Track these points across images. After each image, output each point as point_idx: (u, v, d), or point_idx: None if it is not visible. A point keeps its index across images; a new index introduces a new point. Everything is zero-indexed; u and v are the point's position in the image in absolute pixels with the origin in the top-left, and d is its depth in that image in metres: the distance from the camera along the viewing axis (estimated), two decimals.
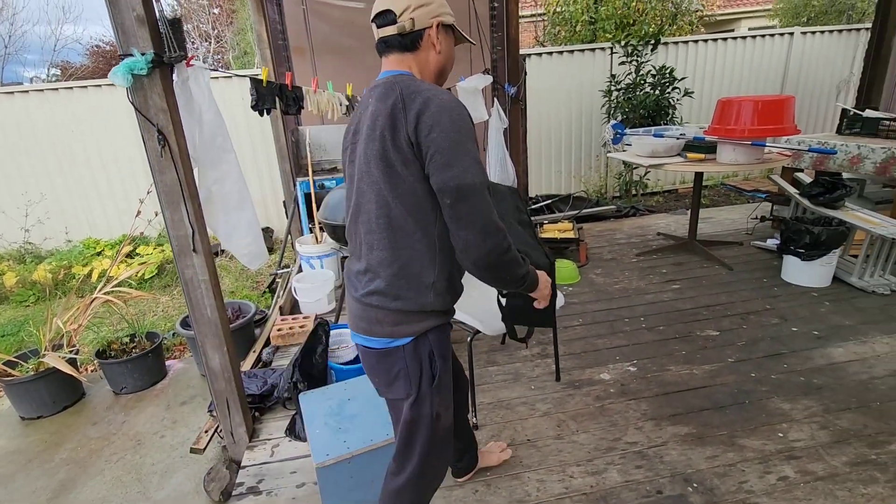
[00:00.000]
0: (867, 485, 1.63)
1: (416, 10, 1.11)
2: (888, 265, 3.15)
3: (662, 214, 5.21)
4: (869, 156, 3.47)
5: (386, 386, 1.21)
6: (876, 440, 1.83)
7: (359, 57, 4.18)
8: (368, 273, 1.14)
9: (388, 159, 1.04)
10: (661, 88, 5.20)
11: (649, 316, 2.95)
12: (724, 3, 12.43)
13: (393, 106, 1.04)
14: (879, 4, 5.04)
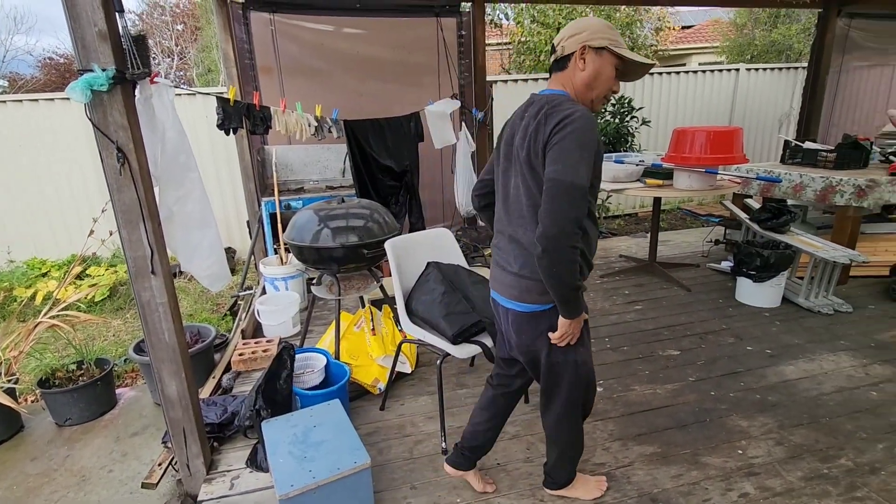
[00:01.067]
0: (821, 499, 1.70)
1: (568, 39, 1.38)
2: (830, 286, 3.36)
3: (624, 237, 5.39)
4: (810, 184, 3.72)
5: (531, 341, 1.47)
6: (827, 454, 1.91)
7: (328, 79, 4.20)
8: (522, 251, 1.40)
9: (532, 162, 1.32)
10: (621, 117, 5.45)
11: (614, 336, 3.01)
12: (676, 39, 13.24)
13: (538, 121, 1.30)
14: (814, 47, 5.50)
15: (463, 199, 4.31)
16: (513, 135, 1.42)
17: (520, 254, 1.42)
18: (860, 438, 2.00)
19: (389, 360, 2.41)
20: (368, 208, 2.53)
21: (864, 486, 1.74)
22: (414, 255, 2.30)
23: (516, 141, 1.38)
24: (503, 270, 1.48)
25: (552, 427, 1.65)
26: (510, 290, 1.46)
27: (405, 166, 3.70)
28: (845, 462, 1.87)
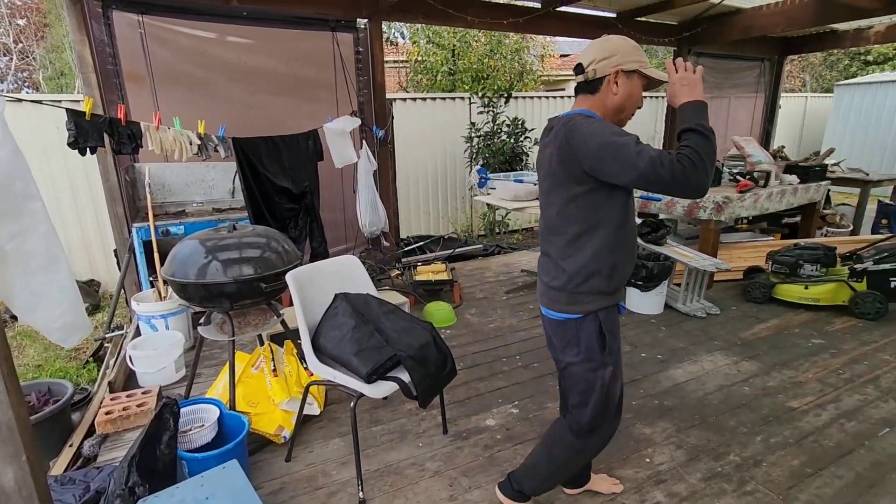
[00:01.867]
0: (719, 497, 1.84)
1: (599, 62, 1.39)
2: (702, 292, 3.78)
3: (524, 251, 5.61)
4: (680, 201, 4.18)
5: (561, 348, 1.54)
6: (718, 452, 2.09)
7: (211, 90, 3.82)
8: (552, 263, 1.50)
9: (562, 180, 1.40)
10: (516, 137, 5.72)
11: (524, 353, 3.07)
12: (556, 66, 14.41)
13: (559, 142, 1.38)
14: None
15: (366, 220, 4.16)
16: (543, 159, 1.48)
17: (550, 266, 1.51)
18: (742, 433, 2.22)
19: (295, 404, 2.18)
20: (265, 236, 2.29)
21: (752, 480, 1.92)
22: (319, 286, 2.12)
23: (544, 165, 1.48)
24: (540, 282, 1.57)
25: (555, 436, 1.66)
26: (543, 299, 1.56)
27: (304, 187, 3.47)
28: (734, 458, 2.06)
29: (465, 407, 2.49)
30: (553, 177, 1.43)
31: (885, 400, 2.47)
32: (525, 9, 4.68)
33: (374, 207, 4.17)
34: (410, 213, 6.04)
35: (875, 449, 2.10)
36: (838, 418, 2.32)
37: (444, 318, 3.53)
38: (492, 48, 7.37)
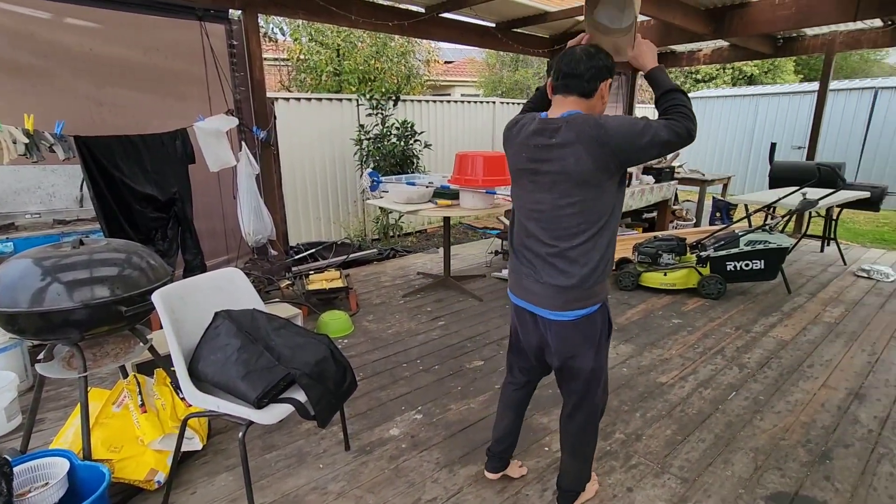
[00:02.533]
0: (609, 474, 1.99)
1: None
2: None
3: (419, 254, 5.63)
4: None
5: (575, 347, 1.58)
6: (606, 432, 2.27)
7: (45, 81, 3.23)
8: (570, 264, 1.50)
9: (588, 180, 1.44)
10: (406, 140, 5.71)
11: (424, 356, 3.06)
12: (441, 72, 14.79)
13: (588, 143, 1.40)
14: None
15: (250, 228, 3.83)
16: (557, 159, 1.44)
17: (564, 267, 1.48)
18: (624, 411, 2.44)
19: (170, 441, 1.91)
20: (124, 251, 1.97)
21: (636, 454, 2.12)
22: (196, 304, 1.88)
23: (558, 166, 1.43)
24: (541, 283, 1.53)
25: (579, 433, 1.71)
26: (553, 301, 1.52)
27: (172, 193, 3.08)
28: (619, 435, 2.25)
29: (368, 419, 2.39)
30: (578, 175, 1.41)
31: (730, 367, 2.89)
32: (410, 12, 4.70)
33: (259, 214, 3.86)
34: (300, 218, 5.72)
35: (727, 411, 2.44)
36: (697, 388, 2.67)
37: (340, 327, 3.39)
38: (378, 50, 7.30)
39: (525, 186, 1.55)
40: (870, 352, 3.09)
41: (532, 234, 1.55)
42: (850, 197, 4.81)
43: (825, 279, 4.55)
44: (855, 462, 2.07)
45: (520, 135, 1.54)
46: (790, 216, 4.59)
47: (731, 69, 13.69)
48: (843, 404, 2.50)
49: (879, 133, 8.48)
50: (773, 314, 3.71)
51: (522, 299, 1.62)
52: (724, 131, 10.50)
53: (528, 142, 1.50)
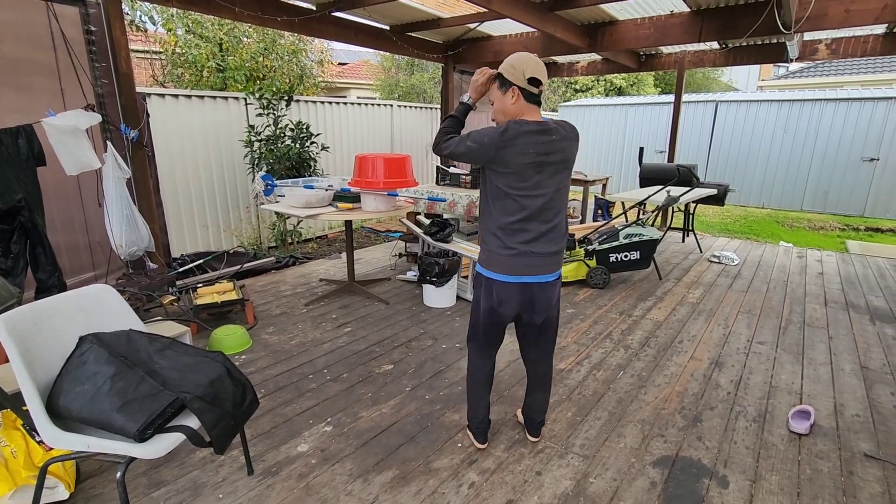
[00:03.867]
0: (519, 461, 2.08)
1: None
2: None
3: (320, 260, 5.42)
4: (460, 201, 4.63)
5: (555, 302, 2.01)
6: (513, 422, 2.37)
7: None
8: (563, 234, 1.92)
9: (570, 168, 1.89)
10: (301, 142, 5.46)
11: (331, 365, 2.94)
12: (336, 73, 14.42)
13: (570, 140, 1.86)
14: (442, 92, 6.93)
15: (121, 239, 3.39)
16: (560, 151, 1.81)
17: (560, 236, 1.89)
18: None
19: (27, 494, 1.61)
20: None
21: (542, 439, 2.24)
22: (53, 330, 1.61)
23: (559, 157, 1.82)
24: (541, 255, 1.85)
25: (551, 369, 2.17)
26: (549, 266, 1.89)
27: (17, 201, 2.60)
28: None
29: (272, 438, 2.24)
30: (569, 165, 1.85)
31: (618, 349, 3.19)
32: (299, 9, 4.50)
33: (132, 223, 3.43)
34: (184, 227, 5.18)
35: (617, 389, 2.69)
36: (591, 371, 2.90)
37: (236, 342, 3.13)
38: (266, 46, 6.88)
39: (530, 178, 1.79)
40: (724, 325, 3.61)
41: (533, 216, 1.82)
42: (703, 193, 5.58)
43: (687, 265, 5.22)
44: (719, 422, 2.40)
45: (519, 137, 1.75)
46: (658, 211, 5.19)
47: (604, 81, 15.18)
48: (707, 373, 2.89)
49: (720, 139, 9.97)
50: (649, 298, 4.17)
51: (521, 275, 1.87)
52: (600, 136, 11.60)
53: (533, 139, 1.76)
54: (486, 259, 1.91)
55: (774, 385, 2.76)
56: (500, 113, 1.87)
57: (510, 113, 1.83)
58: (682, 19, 4.81)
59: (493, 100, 1.89)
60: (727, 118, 9.86)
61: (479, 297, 1.99)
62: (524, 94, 1.80)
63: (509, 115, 1.83)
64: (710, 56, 6.39)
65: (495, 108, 1.89)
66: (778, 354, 3.14)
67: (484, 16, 5.00)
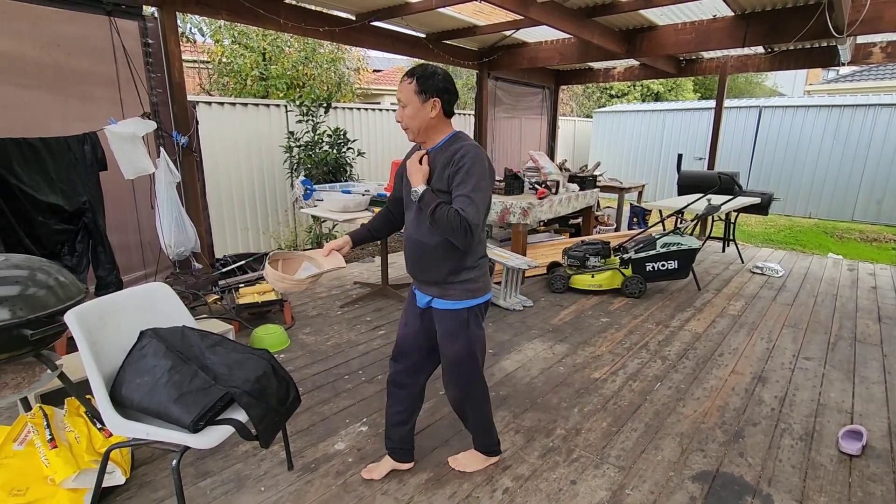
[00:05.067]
0: (554, 469, 2.07)
1: None
2: (517, 287, 4.25)
3: (354, 263, 5.53)
4: (493, 207, 4.65)
5: None
6: (548, 429, 2.36)
7: None
8: None
9: None
10: (338, 148, 5.61)
11: (366, 367, 3.00)
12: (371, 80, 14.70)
13: None
14: (477, 99, 6.97)
15: (171, 240, 3.56)
16: None
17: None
18: (563, 408, 2.55)
19: (88, 478, 1.72)
20: (26, 266, 1.75)
21: (577, 448, 2.22)
22: (116, 324, 1.72)
23: None
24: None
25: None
26: None
27: (81, 203, 2.78)
28: (560, 431, 2.35)
29: (310, 435, 2.31)
30: None
31: (654, 360, 3.13)
32: (340, 19, 4.64)
33: (181, 225, 3.61)
34: (226, 229, 5.40)
35: (654, 401, 2.64)
36: (627, 381, 2.85)
37: (276, 341, 3.24)
38: (307, 55, 7.11)
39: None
40: (767, 339, 3.48)
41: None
42: (746, 202, 5.40)
43: (727, 276, 5.06)
44: (762, 438, 2.32)
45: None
46: (697, 220, 5.06)
47: (641, 86, 14.91)
48: (750, 387, 2.80)
49: (764, 146, 9.62)
50: (687, 309, 4.07)
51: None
52: (636, 143, 11.38)
53: None
54: (483, 285, 1.80)
55: (823, 403, 2.64)
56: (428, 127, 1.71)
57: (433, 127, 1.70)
58: (725, 23, 4.70)
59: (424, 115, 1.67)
60: (772, 124, 9.52)
61: (480, 330, 1.84)
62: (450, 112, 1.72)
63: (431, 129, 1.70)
64: (755, 60, 6.20)
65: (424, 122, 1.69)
66: (826, 371, 3.01)
67: (520, 23, 5.02)
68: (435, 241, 1.69)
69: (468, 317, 1.77)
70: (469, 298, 1.75)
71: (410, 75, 1.67)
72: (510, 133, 8.02)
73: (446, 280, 1.73)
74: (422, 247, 1.73)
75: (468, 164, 1.60)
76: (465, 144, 1.66)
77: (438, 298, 1.77)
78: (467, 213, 1.57)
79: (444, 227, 1.60)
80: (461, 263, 1.72)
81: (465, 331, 1.78)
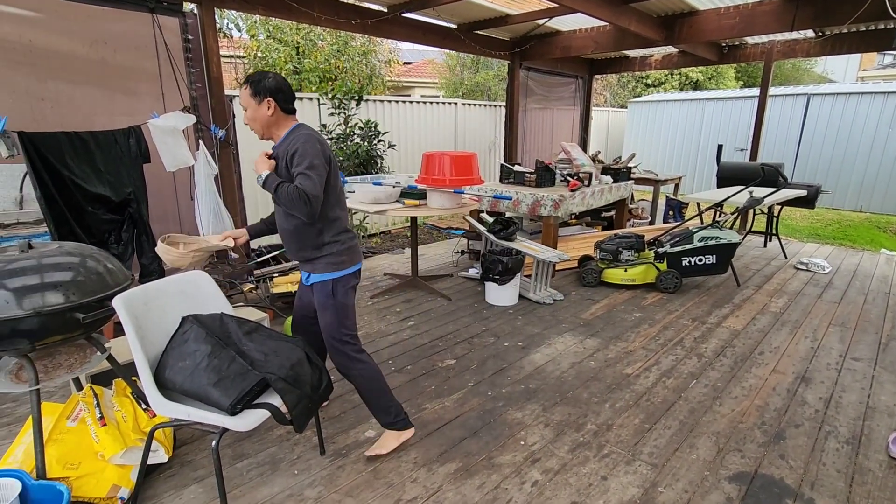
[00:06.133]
0: (584, 464, 2.05)
1: None
2: (547, 281, 4.20)
3: (384, 255, 5.59)
4: (524, 200, 4.60)
5: None
6: (578, 423, 2.34)
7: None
8: None
9: None
10: (369, 140, 5.65)
11: (396, 357, 3.04)
12: (401, 73, 14.73)
13: None
14: (508, 90, 6.88)
15: (209, 230, 3.68)
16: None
17: None
18: (594, 403, 2.52)
19: (134, 455, 1.81)
20: (78, 254, 1.85)
21: (607, 443, 2.19)
22: (160, 309, 1.80)
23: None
24: None
25: None
26: None
27: (127, 194, 2.91)
28: (591, 426, 2.31)
29: (342, 422, 2.36)
30: None
31: (690, 357, 3.04)
32: (372, 11, 4.66)
33: (218, 216, 3.72)
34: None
35: (689, 399, 2.56)
36: (661, 378, 2.78)
37: None
38: (339, 48, 7.18)
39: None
40: (812, 338, 3.33)
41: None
42: (792, 195, 5.15)
43: (769, 272, 4.86)
44: (805, 441, 2.23)
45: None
46: (738, 213, 4.87)
47: (679, 75, 14.38)
48: (792, 387, 2.68)
49: (812, 136, 9.14)
50: (725, 306, 3.93)
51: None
52: (673, 134, 11.01)
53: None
54: (348, 258, 1.99)
55: (872, 406, 2.51)
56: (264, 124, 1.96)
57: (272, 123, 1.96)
58: (772, 7, 4.47)
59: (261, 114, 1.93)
60: (821, 112, 9.02)
61: (347, 300, 2.01)
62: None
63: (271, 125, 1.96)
64: (804, 45, 5.88)
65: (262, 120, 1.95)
66: (877, 373, 2.85)
67: (554, 11, 4.92)
68: (292, 224, 1.92)
69: (334, 287, 1.97)
70: (333, 271, 1.96)
71: (246, 82, 1.92)
72: (542, 124, 7.90)
73: (312, 256, 1.96)
74: (285, 233, 1.98)
75: (300, 147, 1.82)
76: (301, 133, 1.89)
77: (311, 273, 2.00)
78: (304, 185, 1.76)
79: (286, 203, 1.78)
80: (320, 240, 1.93)
81: (332, 300, 1.97)
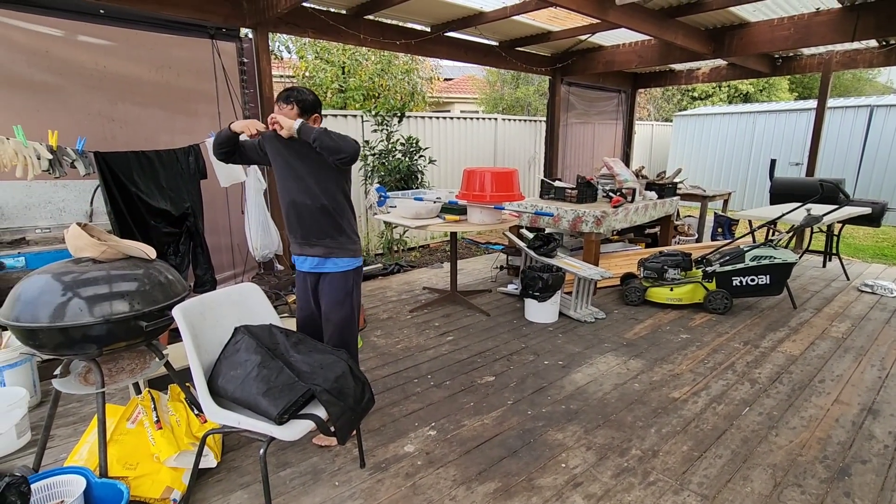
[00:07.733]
0: (629, 491, 1.98)
1: None
2: (589, 298, 4.12)
3: (423, 269, 5.63)
4: (565, 216, 4.55)
5: None
6: (622, 448, 2.26)
7: (60, 97, 3.27)
8: None
9: None
10: (410, 156, 5.76)
11: (434, 372, 3.04)
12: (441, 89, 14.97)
13: None
14: (549, 105, 6.86)
15: (257, 242, 3.84)
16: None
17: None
18: (639, 427, 2.43)
19: (187, 458, 1.89)
20: (142, 265, 1.97)
21: (653, 470, 2.10)
22: (214, 319, 1.88)
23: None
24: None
25: None
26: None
27: (185, 209, 3.09)
28: (636, 452, 2.23)
29: (381, 435, 2.38)
30: None
31: (742, 382, 2.89)
32: (416, 31, 4.78)
33: (267, 229, 3.88)
34: None
35: (742, 427, 2.43)
36: (710, 403, 2.66)
37: None
38: (383, 67, 7.40)
39: None
40: (879, 367, 3.10)
41: None
42: (854, 213, 4.85)
43: (829, 294, 4.57)
44: (873, 478, 2.06)
45: None
46: (794, 231, 4.62)
47: (728, 87, 13.92)
48: (858, 420, 2.50)
49: (876, 150, 8.60)
50: (780, 329, 3.72)
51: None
52: (721, 148, 10.63)
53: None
54: (359, 247, 2.20)
55: None
56: None
57: None
58: (830, 16, 4.28)
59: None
60: (886, 125, 8.50)
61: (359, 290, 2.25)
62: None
63: None
64: (866, 56, 5.58)
65: None
66: None
67: (596, 27, 4.90)
68: (319, 203, 2.11)
69: (354, 280, 2.21)
70: (352, 256, 2.18)
71: (286, 101, 2.15)
72: (583, 139, 7.82)
73: (333, 236, 2.14)
74: (307, 212, 2.12)
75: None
76: None
77: (327, 259, 2.16)
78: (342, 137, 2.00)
79: (337, 137, 1.96)
80: (345, 221, 2.19)
81: (350, 297, 2.23)
